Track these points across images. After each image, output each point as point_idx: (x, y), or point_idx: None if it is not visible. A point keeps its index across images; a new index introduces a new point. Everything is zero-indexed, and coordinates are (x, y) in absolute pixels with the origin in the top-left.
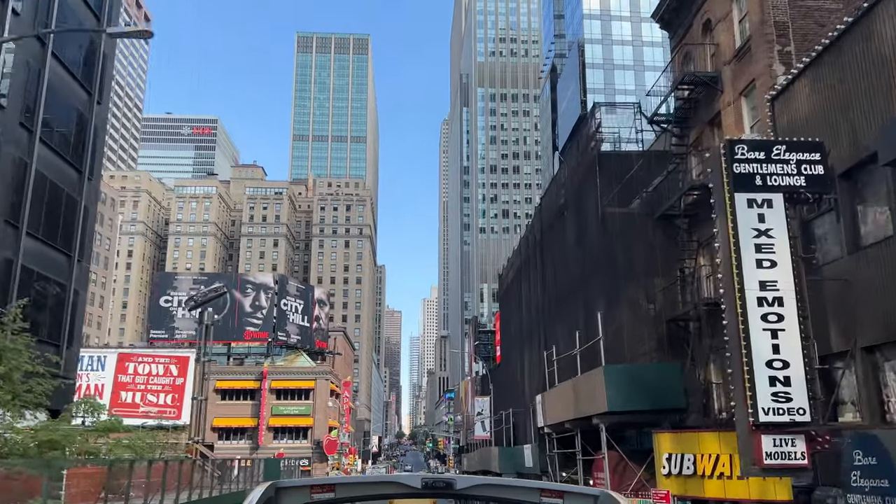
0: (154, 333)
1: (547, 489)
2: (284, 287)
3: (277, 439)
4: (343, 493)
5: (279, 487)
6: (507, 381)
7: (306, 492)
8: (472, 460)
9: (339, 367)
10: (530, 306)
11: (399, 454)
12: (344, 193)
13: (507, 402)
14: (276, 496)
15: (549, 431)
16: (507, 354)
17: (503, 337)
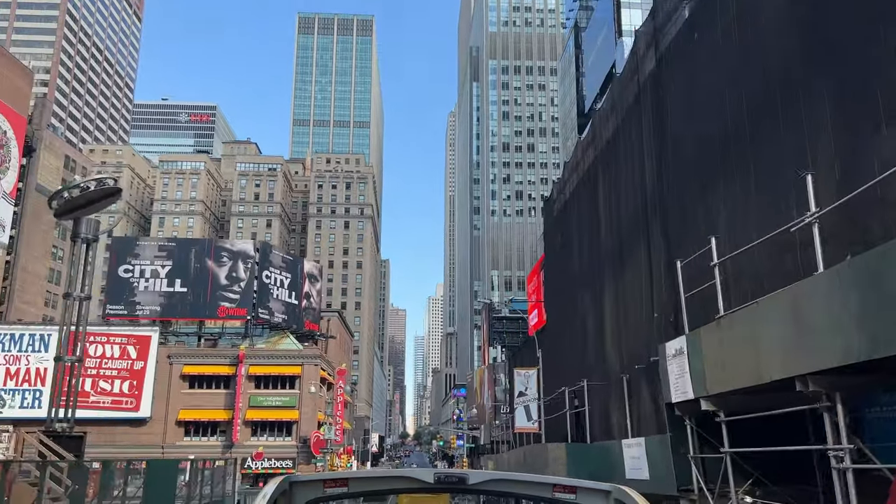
0: (111, 309)
1: (559, 484)
2: (267, 256)
3: (256, 436)
4: (356, 488)
5: (293, 482)
6: (563, 347)
7: (320, 486)
8: (505, 463)
9: (333, 354)
10: (618, 212)
11: (403, 455)
12: (344, 170)
13: (565, 375)
14: (290, 490)
15: (709, 410)
16: (560, 309)
17: (552, 287)
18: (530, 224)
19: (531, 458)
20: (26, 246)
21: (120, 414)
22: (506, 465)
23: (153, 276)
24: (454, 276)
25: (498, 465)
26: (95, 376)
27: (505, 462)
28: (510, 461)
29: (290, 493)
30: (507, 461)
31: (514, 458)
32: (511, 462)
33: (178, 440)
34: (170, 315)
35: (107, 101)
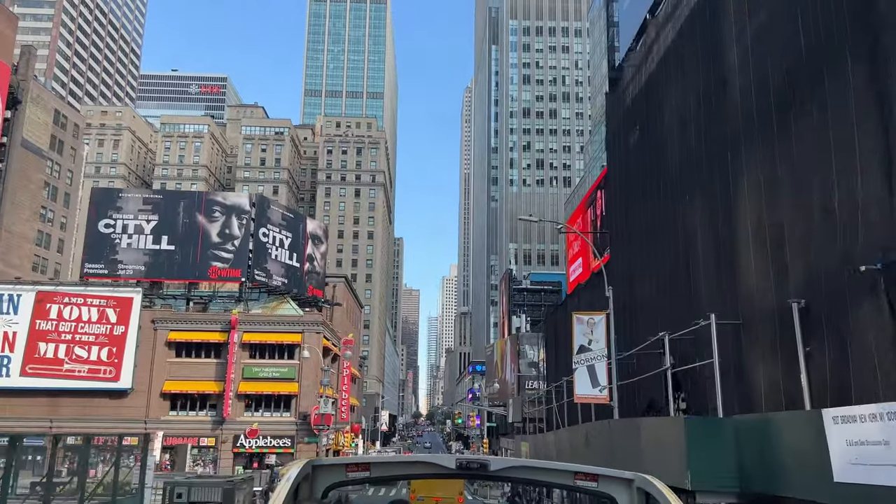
0: (90, 268)
1: (581, 472)
2: (265, 212)
3: (250, 411)
4: (378, 472)
5: (315, 465)
6: (641, 289)
7: (342, 470)
8: (552, 447)
9: (339, 324)
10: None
11: (416, 434)
12: (355, 135)
13: (643, 328)
14: (312, 473)
15: None
16: (639, 238)
17: (622, 208)
18: (552, 194)
19: (599, 439)
20: (12, 205)
21: (98, 384)
22: (553, 449)
23: (137, 231)
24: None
25: (537, 450)
26: (70, 342)
27: (552, 446)
28: (561, 444)
29: (313, 477)
30: (554, 444)
31: (568, 439)
32: (565, 446)
33: (162, 414)
34: (155, 276)
35: (111, 66)
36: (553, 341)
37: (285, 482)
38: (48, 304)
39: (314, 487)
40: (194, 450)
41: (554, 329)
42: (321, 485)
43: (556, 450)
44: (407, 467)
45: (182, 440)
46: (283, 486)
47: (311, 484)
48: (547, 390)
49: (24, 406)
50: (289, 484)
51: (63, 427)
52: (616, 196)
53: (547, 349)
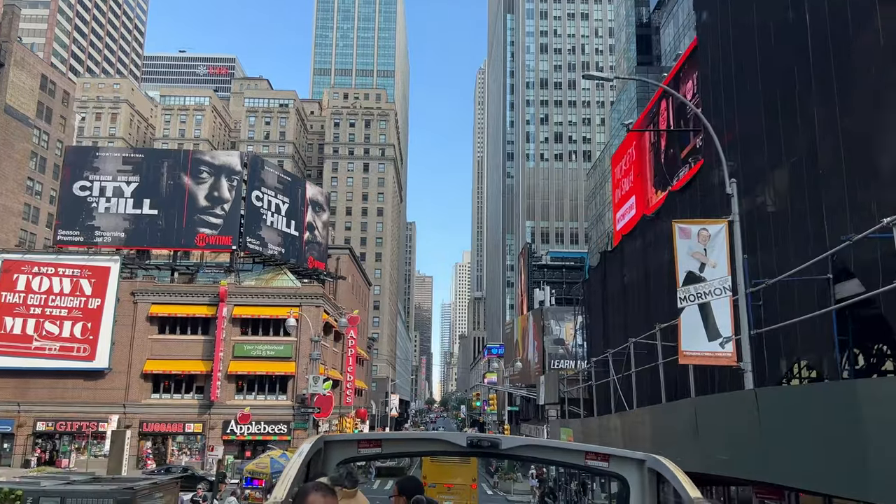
0: (64, 235)
1: (592, 451)
2: (258, 173)
3: (242, 394)
4: (389, 449)
5: (327, 441)
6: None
7: (354, 446)
8: (612, 433)
9: (344, 299)
10: None
11: (429, 421)
12: (363, 107)
13: (795, 238)
14: (325, 448)
15: None
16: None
17: (724, 73)
18: (570, 169)
19: (727, 420)
20: None
21: (70, 363)
22: (620, 437)
23: (116, 194)
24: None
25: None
26: (40, 316)
27: (615, 432)
28: (639, 430)
29: (325, 452)
30: (623, 430)
31: (658, 424)
32: (645, 432)
33: (144, 397)
34: (136, 244)
35: (114, 42)
36: (599, 306)
37: (297, 457)
38: (15, 274)
39: (326, 463)
40: (179, 437)
41: (601, 289)
42: (333, 460)
43: (628, 437)
44: (418, 444)
45: (166, 426)
46: (296, 461)
47: (323, 459)
48: (588, 366)
49: None
50: (301, 458)
51: (32, 412)
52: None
53: (591, 316)
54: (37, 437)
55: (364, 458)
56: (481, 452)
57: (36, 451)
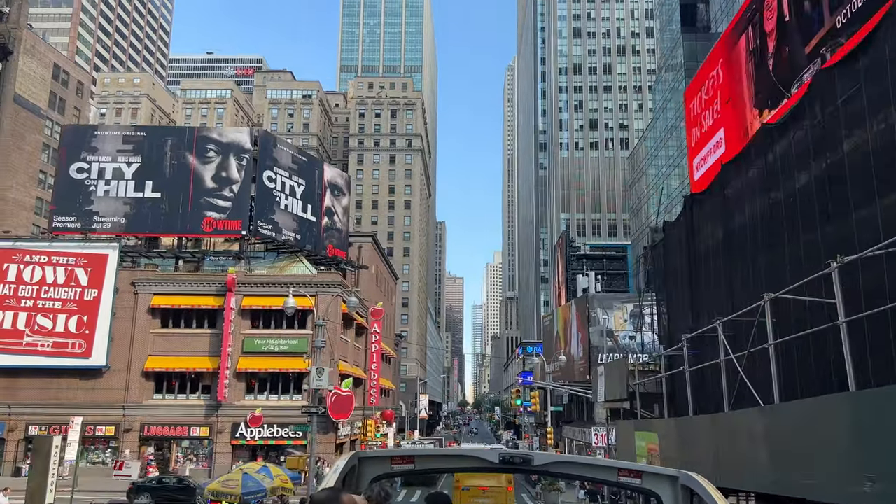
0: (60, 221)
1: (625, 468)
2: (271, 151)
3: (252, 393)
4: (422, 465)
5: (361, 457)
6: None
7: (387, 462)
8: (756, 440)
9: (366, 291)
10: None
11: (462, 423)
12: (389, 96)
13: None
14: (359, 465)
15: None
16: None
17: None
18: (608, 157)
19: None
20: (4, 169)
21: (65, 361)
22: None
23: (116, 176)
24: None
25: (704, 448)
26: (31, 309)
27: (761, 440)
28: (820, 431)
29: (359, 469)
30: (790, 434)
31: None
32: (843, 441)
33: (145, 398)
34: (138, 230)
35: (139, 41)
36: (683, 271)
37: (333, 473)
38: (5, 263)
39: (360, 479)
40: (185, 442)
41: (684, 250)
42: (367, 477)
43: (793, 444)
44: (450, 461)
45: (169, 430)
46: (331, 478)
47: (357, 476)
48: (665, 353)
49: None
50: (336, 475)
51: (23, 415)
52: None
53: (669, 287)
54: (29, 442)
55: (397, 474)
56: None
57: (28, 458)
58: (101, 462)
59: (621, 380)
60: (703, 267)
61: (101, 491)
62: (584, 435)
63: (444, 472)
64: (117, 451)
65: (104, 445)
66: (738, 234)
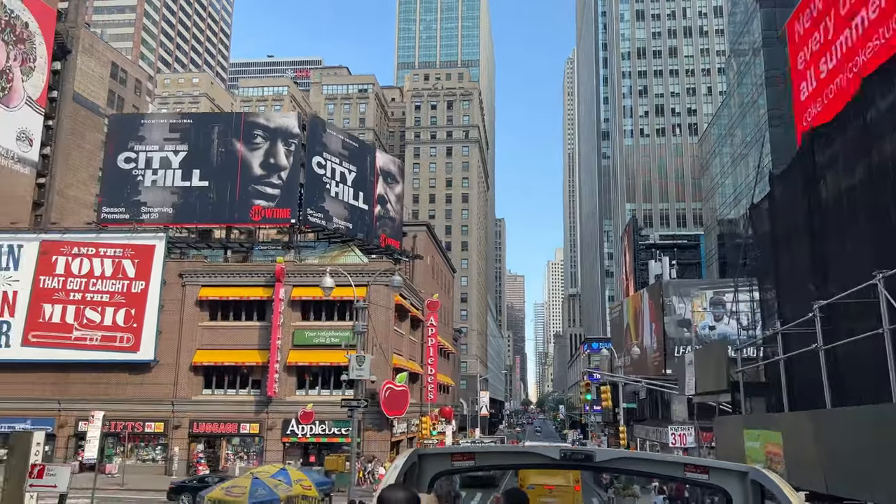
0: (108, 212)
1: (691, 464)
2: (320, 137)
3: (303, 388)
4: (482, 462)
5: (421, 454)
6: None
7: (447, 459)
8: None
9: (422, 283)
10: None
11: (525, 422)
12: (445, 87)
13: None
14: (419, 462)
15: None
16: None
17: None
18: (675, 144)
19: None
20: (64, 167)
21: (113, 355)
22: None
23: (163, 165)
24: (575, 236)
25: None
26: (80, 302)
27: None
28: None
29: (420, 466)
30: None
31: None
32: None
33: (194, 393)
34: (186, 219)
35: (200, 45)
36: (803, 227)
37: (393, 470)
38: (54, 256)
39: (421, 476)
40: (235, 439)
41: (804, 200)
42: (428, 474)
43: None
44: (511, 457)
45: (219, 426)
46: (391, 475)
47: (418, 472)
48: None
49: (27, 384)
50: (396, 472)
51: (73, 410)
52: None
53: (775, 256)
54: (79, 438)
55: (457, 471)
56: (575, 465)
57: (80, 454)
58: (150, 460)
59: (719, 368)
60: (832, 217)
61: (146, 490)
62: (660, 434)
63: (504, 468)
64: (167, 449)
65: (154, 442)
66: (894, 167)
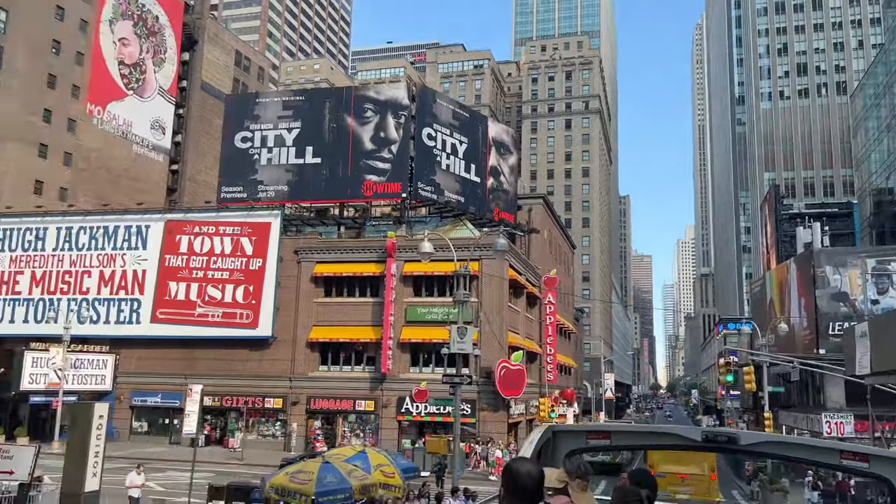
0: (227, 192)
1: (849, 451)
2: (430, 108)
3: (417, 366)
4: (618, 441)
5: (556, 431)
6: None
7: (582, 437)
8: None
9: (539, 259)
10: None
11: (654, 407)
12: (563, 57)
13: None
14: (553, 438)
15: None
16: None
17: None
18: (820, 105)
19: None
20: (194, 153)
21: (233, 332)
22: None
23: (278, 143)
24: (707, 212)
25: None
26: (202, 280)
27: None
28: None
29: (554, 442)
30: None
31: None
32: None
33: (311, 370)
34: (300, 196)
35: (322, 34)
36: None
37: (528, 445)
38: (178, 235)
39: (555, 453)
40: (351, 416)
41: None
42: (562, 451)
43: None
44: (648, 437)
45: (335, 403)
46: (527, 449)
47: (552, 449)
48: None
49: (157, 359)
50: (532, 447)
51: (198, 384)
52: None
53: None
54: (204, 413)
55: (592, 448)
56: (717, 448)
57: (206, 428)
58: (270, 435)
59: None
60: None
61: (262, 465)
62: (811, 422)
63: (640, 448)
64: (286, 425)
65: (273, 418)
66: None
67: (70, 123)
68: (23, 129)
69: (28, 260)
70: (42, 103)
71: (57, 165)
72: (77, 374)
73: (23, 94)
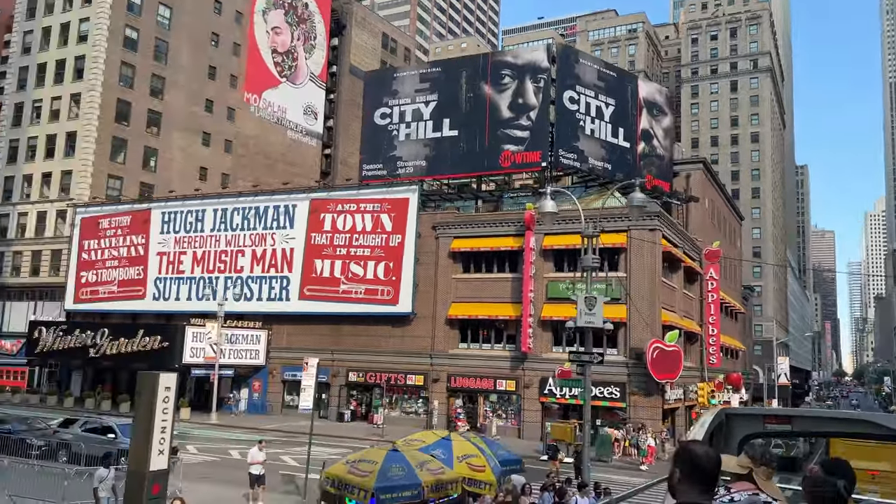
0: (368, 169)
1: None
2: (571, 69)
3: (560, 345)
4: (800, 427)
5: (729, 414)
6: None
7: (759, 421)
8: None
9: (699, 230)
10: None
11: (839, 395)
12: (727, 13)
13: None
14: (726, 422)
15: None
16: None
17: None
18: None
19: None
20: (345, 137)
21: (375, 308)
22: None
23: (415, 118)
24: None
25: None
26: (345, 257)
27: None
28: None
29: (727, 426)
30: None
31: None
32: None
33: (451, 347)
34: (438, 171)
35: (471, 14)
36: None
37: (699, 427)
38: (322, 213)
39: (729, 437)
40: (492, 396)
41: None
42: (736, 436)
43: None
44: (836, 424)
45: (475, 381)
46: (698, 432)
47: (726, 433)
48: None
49: (305, 335)
50: (703, 430)
51: (345, 361)
52: None
53: None
54: (350, 388)
55: (770, 434)
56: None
57: (352, 403)
58: (413, 412)
59: None
60: None
61: None
62: None
63: (826, 436)
64: (428, 402)
65: (415, 395)
66: None
67: (229, 112)
68: (187, 120)
69: (190, 241)
70: (204, 94)
71: (219, 152)
72: (233, 349)
73: (187, 87)
